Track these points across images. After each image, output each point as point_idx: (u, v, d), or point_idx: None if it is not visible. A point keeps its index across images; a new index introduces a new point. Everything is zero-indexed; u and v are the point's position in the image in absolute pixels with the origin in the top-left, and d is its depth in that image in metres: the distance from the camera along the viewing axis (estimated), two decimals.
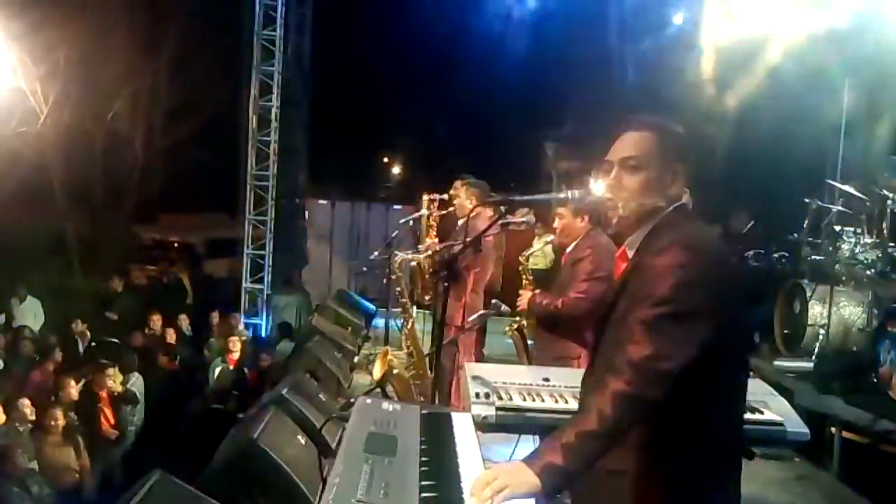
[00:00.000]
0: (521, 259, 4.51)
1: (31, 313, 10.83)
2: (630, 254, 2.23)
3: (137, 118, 14.49)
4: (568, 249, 4.37)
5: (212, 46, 14.04)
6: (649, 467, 2.07)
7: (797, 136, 8.20)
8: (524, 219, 4.06)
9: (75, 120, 13.02)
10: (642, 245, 2.18)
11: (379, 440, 2.16)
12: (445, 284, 2.81)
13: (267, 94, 11.91)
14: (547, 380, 3.10)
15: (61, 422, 6.72)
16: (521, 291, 4.48)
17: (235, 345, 9.23)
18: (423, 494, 1.88)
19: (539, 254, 9.89)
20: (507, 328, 4.57)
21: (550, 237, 4.97)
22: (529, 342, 4.61)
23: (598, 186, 2.30)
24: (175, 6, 13.99)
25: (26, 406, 6.74)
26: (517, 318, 4.56)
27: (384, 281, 7.94)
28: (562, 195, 2.49)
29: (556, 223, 4.34)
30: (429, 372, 4.42)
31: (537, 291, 4.40)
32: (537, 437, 2.92)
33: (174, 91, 14.53)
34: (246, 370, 9.08)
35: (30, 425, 6.69)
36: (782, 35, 8.24)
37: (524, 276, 4.54)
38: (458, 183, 5.90)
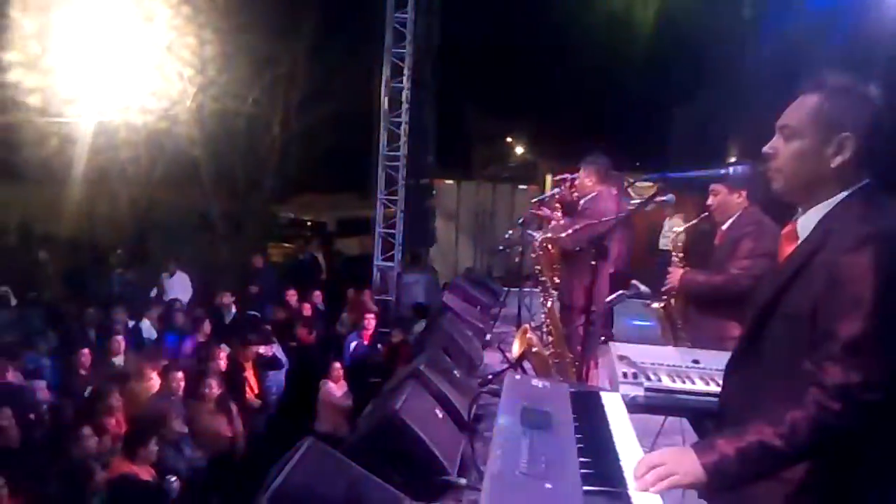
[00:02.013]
0: (673, 237, 4.41)
1: (180, 287, 11.38)
2: (801, 234, 2.00)
3: (276, 102, 15.07)
4: (724, 226, 4.24)
5: (346, 31, 14.43)
6: (832, 471, 1.86)
7: None
8: (666, 197, 3.94)
9: (219, 104, 13.66)
10: (818, 228, 1.95)
11: (534, 415, 2.18)
12: (593, 263, 2.79)
13: (398, 77, 12.08)
14: (697, 362, 3.02)
15: (216, 390, 6.99)
16: (670, 269, 4.37)
17: (370, 322, 9.48)
18: (583, 470, 1.90)
19: (667, 234, 9.65)
20: (656, 305, 4.45)
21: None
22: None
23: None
24: None
25: (179, 375, 7.11)
26: (664, 298, 4.43)
27: (515, 260, 7.95)
28: (722, 171, 2.39)
29: (711, 200, 4.23)
30: (567, 351, 4.41)
31: (689, 269, 4.30)
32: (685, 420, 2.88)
33: (310, 75, 15.00)
34: (379, 346, 9.35)
35: (181, 393, 7.00)
36: None
37: (674, 254, 4.41)
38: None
